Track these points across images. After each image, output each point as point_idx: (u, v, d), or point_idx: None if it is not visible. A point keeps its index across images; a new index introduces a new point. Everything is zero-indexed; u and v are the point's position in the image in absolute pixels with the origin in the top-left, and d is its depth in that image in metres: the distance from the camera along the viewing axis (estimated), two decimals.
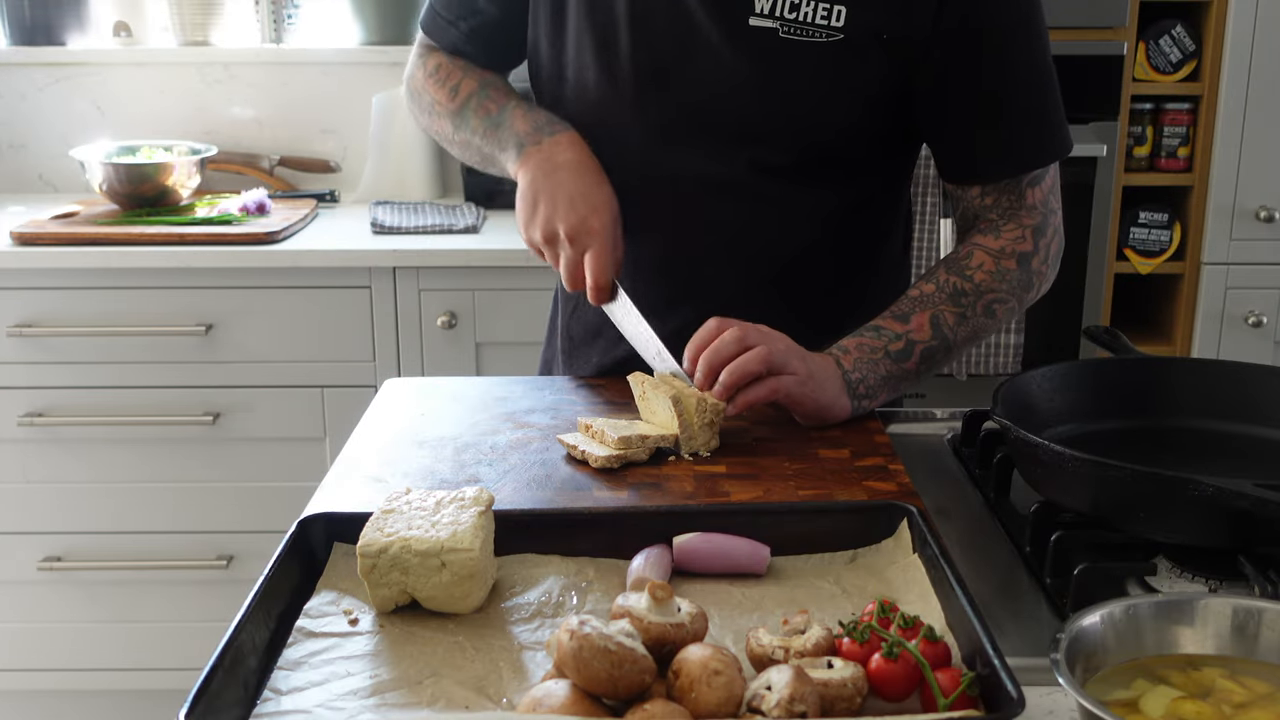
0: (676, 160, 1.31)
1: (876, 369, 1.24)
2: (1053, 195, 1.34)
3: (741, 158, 1.29)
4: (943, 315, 1.27)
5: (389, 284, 2.35)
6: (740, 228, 1.33)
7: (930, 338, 1.26)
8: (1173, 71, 2.64)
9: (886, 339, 1.26)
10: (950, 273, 1.30)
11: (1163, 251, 2.71)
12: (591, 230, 1.23)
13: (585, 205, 1.24)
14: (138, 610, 2.51)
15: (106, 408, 2.38)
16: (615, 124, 1.31)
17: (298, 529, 0.92)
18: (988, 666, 0.74)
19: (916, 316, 1.27)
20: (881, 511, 0.96)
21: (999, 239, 1.31)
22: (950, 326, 1.27)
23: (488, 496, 0.91)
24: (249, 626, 0.81)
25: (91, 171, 2.48)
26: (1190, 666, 0.79)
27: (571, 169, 1.26)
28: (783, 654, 0.77)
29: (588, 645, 0.72)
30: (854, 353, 1.24)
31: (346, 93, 2.83)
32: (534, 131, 1.30)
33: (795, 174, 1.30)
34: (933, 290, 1.29)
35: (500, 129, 1.34)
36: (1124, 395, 1.21)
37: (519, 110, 1.34)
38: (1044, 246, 1.32)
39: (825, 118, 1.27)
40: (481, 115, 1.37)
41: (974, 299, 1.28)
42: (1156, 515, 0.96)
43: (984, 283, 1.29)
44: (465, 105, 1.39)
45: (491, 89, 1.39)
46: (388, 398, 1.34)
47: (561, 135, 1.29)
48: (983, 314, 1.29)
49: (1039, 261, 1.32)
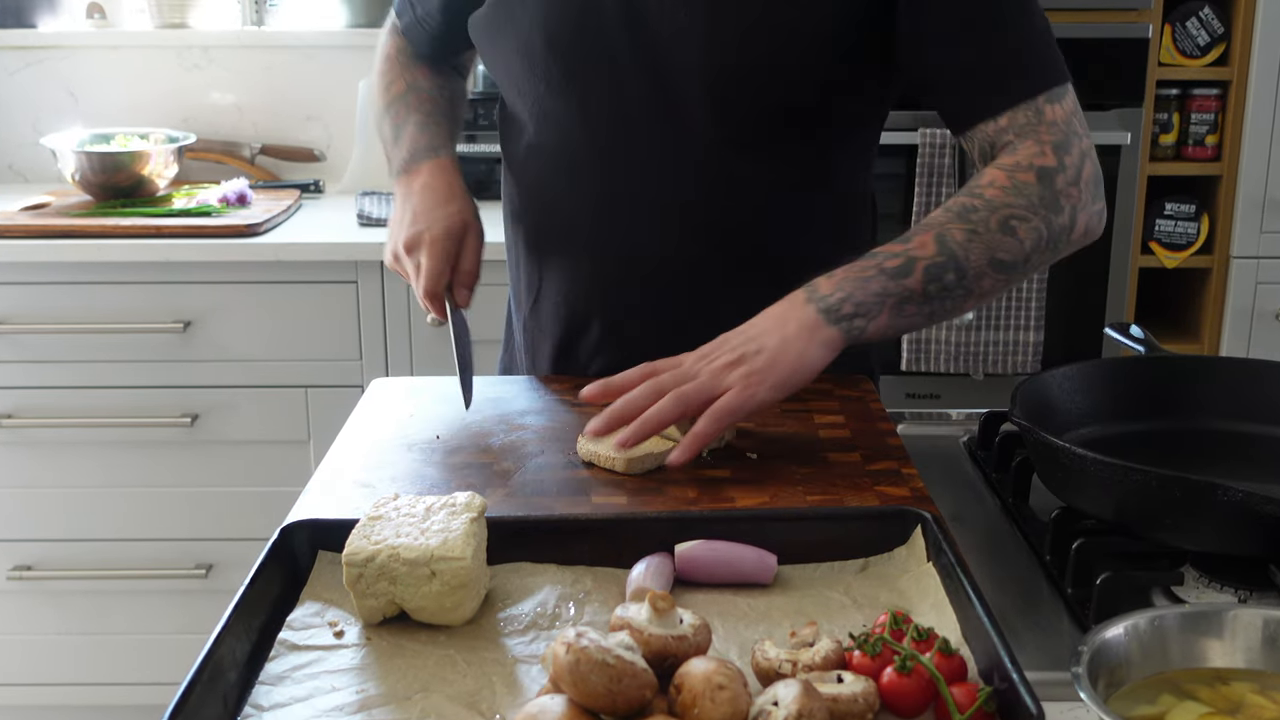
0: (633, 138, 1.31)
1: (867, 286, 1.15)
2: (1076, 118, 1.23)
3: (700, 122, 1.28)
4: (949, 232, 1.17)
5: (376, 278, 2.35)
6: (702, 206, 1.32)
7: (935, 254, 1.16)
8: (1200, 55, 2.64)
9: (882, 257, 1.17)
10: (959, 195, 1.21)
11: (1190, 244, 2.71)
12: (423, 240, 1.34)
13: (424, 219, 1.35)
14: (112, 622, 2.51)
15: (79, 409, 2.38)
16: (566, 108, 1.33)
17: (280, 536, 0.92)
18: (1005, 681, 0.74)
19: (919, 236, 1.18)
20: (894, 518, 0.96)
21: (1014, 155, 1.21)
22: (959, 243, 1.16)
23: (480, 502, 0.91)
24: (229, 639, 0.80)
25: (63, 160, 2.48)
26: (1219, 681, 0.79)
27: (421, 192, 1.38)
28: (790, 668, 0.77)
29: (585, 659, 0.72)
30: (839, 275, 1.16)
31: (331, 78, 2.83)
32: (409, 159, 1.42)
33: (756, 137, 1.29)
34: (939, 214, 1.20)
35: (396, 145, 1.45)
36: (1149, 396, 1.21)
37: (411, 130, 1.44)
38: (1070, 165, 1.20)
39: (783, 61, 1.24)
40: (391, 124, 1.48)
41: (986, 214, 1.18)
42: (1183, 522, 0.96)
43: (996, 198, 1.18)
44: (387, 107, 1.50)
45: (411, 95, 1.49)
46: (375, 398, 1.34)
47: (426, 164, 1.41)
48: (998, 229, 1.17)
49: (1065, 180, 1.19)
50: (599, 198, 1.35)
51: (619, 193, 1.34)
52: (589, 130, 1.33)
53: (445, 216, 1.35)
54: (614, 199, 1.34)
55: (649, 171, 1.32)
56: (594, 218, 1.36)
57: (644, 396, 1.12)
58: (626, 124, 1.31)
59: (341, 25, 2.83)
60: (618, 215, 1.35)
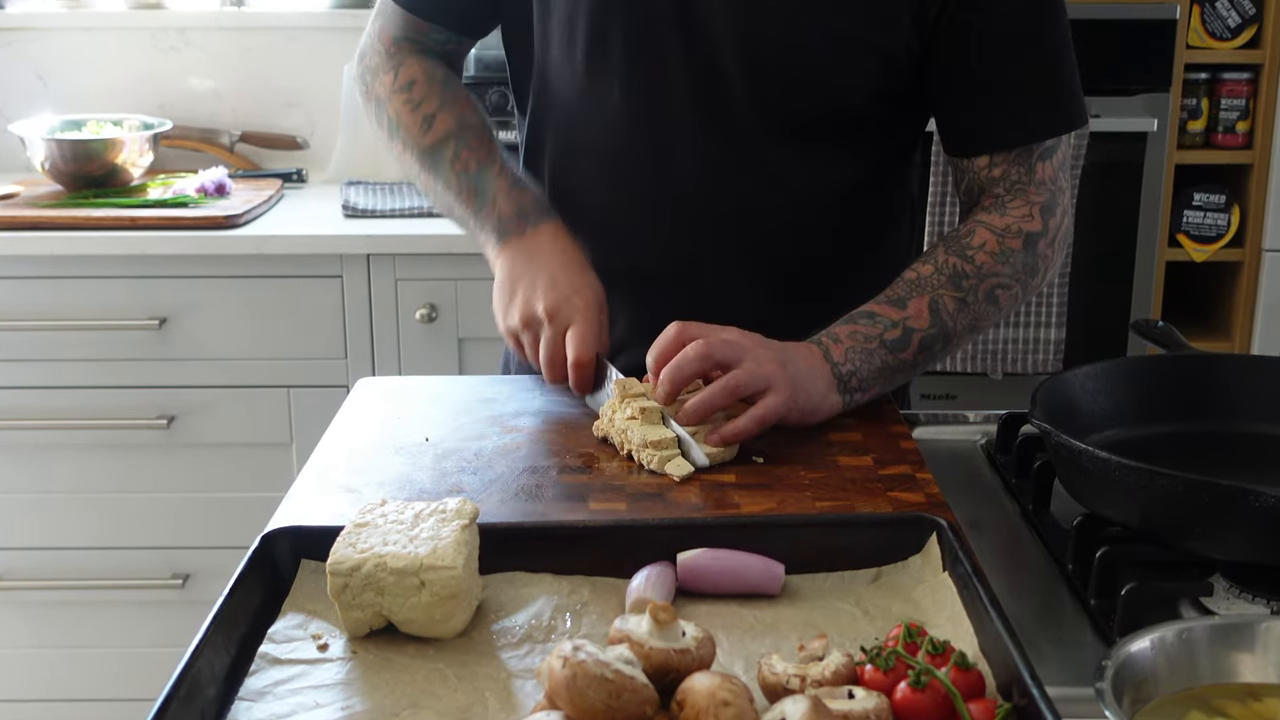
0: (675, 131, 1.33)
1: (870, 360, 1.25)
2: (1062, 173, 1.36)
3: (745, 124, 1.32)
4: (942, 300, 1.28)
5: (362, 273, 2.35)
6: (743, 211, 1.35)
7: (929, 325, 1.27)
8: (1230, 38, 2.64)
9: (883, 327, 1.26)
10: (950, 253, 1.31)
11: (1219, 237, 2.71)
12: (574, 306, 1.27)
13: (568, 285, 1.29)
14: (83, 635, 2.51)
15: (48, 410, 2.38)
16: (605, 94, 1.34)
17: (261, 544, 0.92)
18: (1025, 697, 0.74)
19: (914, 302, 1.28)
20: (908, 525, 0.96)
21: (1004, 216, 1.32)
22: (950, 313, 1.28)
23: (471, 508, 0.91)
24: (207, 652, 0.80)
25: (33, 148, 2.48)
26: (1250, 697, 0.79)
27: (554, 255, 1.32)
28: (798, 683, 0.77)
29: (582, 673, 0.72)
30: (845, 341, 1.25)
31: (315, 61, 2.83)
32: (517, 218, 1.35)
33: (801, 140, 1.33)
34: (931, 272, 1.29)
35: (480, 198, 1.37)
36: (1177, 396, 1.21)
37: (502, 183, 1.37)
38: (1053, 227, 1.33)
39: (833, 73, 1.30)
40: (458, 170, 1.39)
41: (975, 283, 1.29)
42: (1213, 529, 0.96)
43: (986, 265, 1.30)
44: (439, 148, 1.40)
45: (470, 136, 1.40)
46: (361, 399, 1.34)
47: (545, 225, 1.34)
48: (985, 300, 1.30)
49: (1045, 244, 1.33)
50: (628, 194, 1.35)
51: (649, 189, 1.36)
52: (622, 124, 1.34)
53: (592, 284, 1.30)
54: (644, 196, 1.36)
55: (683, 168, 1.34)
56: (623, 214, 1.37)
57: (693, 364, 1.17)
58: (665, 120, 1.33)
59: (326, 6, 2.83)
60: (645, 211, 1.36)
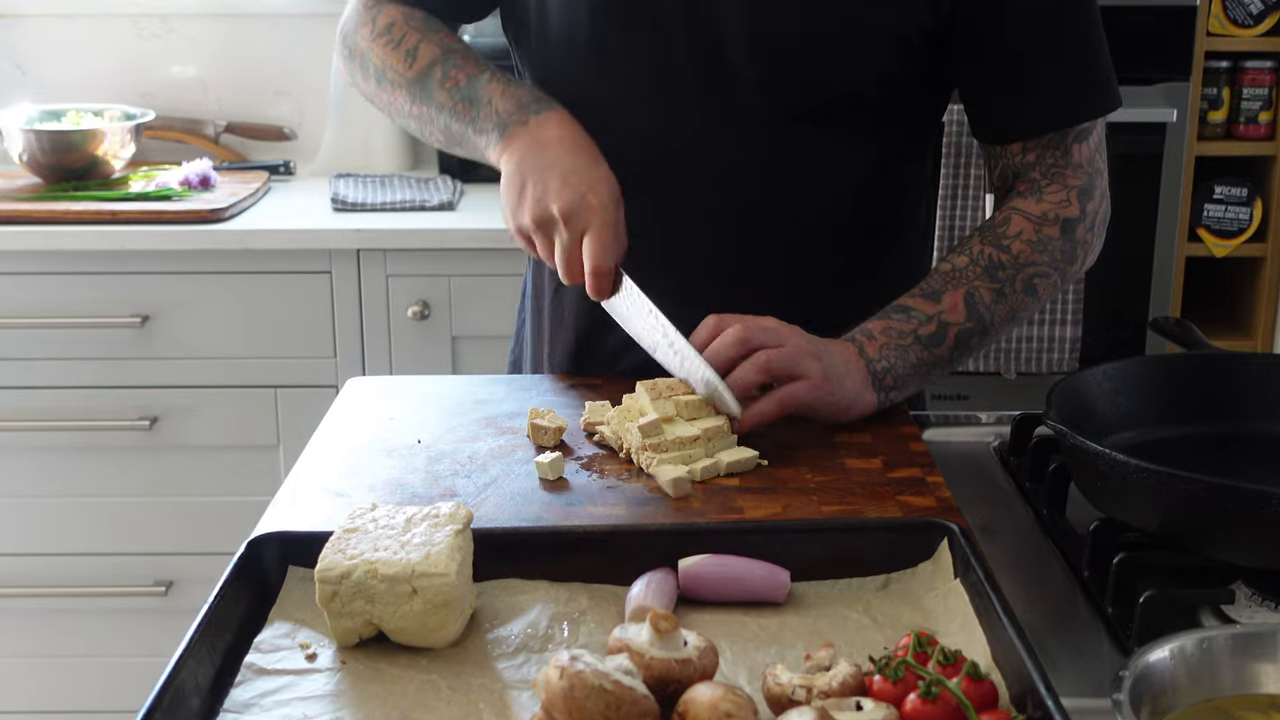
0: (681, 116, 1.33)
1: (905, 356, 1.26)
2: (1099, 154, 1.36)
3: (752, 108, 1.32)
4: (978, 293, 1.28)
5: (352, 269, 2.35)
6: (749, 198, 1.36)
7: (965, 319, 1.28)
8: (1253, 25, 2.64)
9: (917, 322, 1.27)
10: (985, 243, 1.31)
11: (1241, 231, 2.71)
12: (590, 207, 1.22)
13: (581, 182, 1.23)
14: (63, 644, 2.51)
15: (26, 411, 2.38)
16: (615, 75, 1.34)
17: (247, 550, 0.92)
18: (1040, 708, 0.74)
19: (949, 295, 1.28)
20: (918, 530, 0.96)
21: (1040, 202, 1.33)
22: (987, 305, 1.28)
23: (465, 513, 0.91)
24: (190, 663, 0.80)
25: (10, 140, 2.48)
26: (1273, 708, 0.79)
27: (564, 145, 1.26)
28: (804, 694, 0.77)
29: (580, 684, 0.72)
30: (879, 338, 1.26)
31: (303, 49, 2.83)
32: (518, 110, 1.30)
33: (811, 125, 1.33)
34: (966, 264, 1.30)
35: (475, 106, 1.33)
36: (1197, 396, 1.21)
37: (496, 85, 1.33)
38: (1091, 212, 1.34)
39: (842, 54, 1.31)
40: (449, 87, 1.36)
41: (1012, 273, 1.30)
42: (1235, 534, 0.96)
43: (1023, 254, 1.30)
44: (426, 74, 1.37)
45: (457, 56, 1.37)
46: (351, 399, 1.34)
47: (550, 113, 1.29)
48: (1022, 290, 1.30)
49: (1084, 229, 1.34)
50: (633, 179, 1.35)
51: (654, 176, 1.35)
52: (631, 106, 1.34)
53: (605, 179, 1.24)
54: (649, 182, 1.35)
55: (689, 153, 1.35)
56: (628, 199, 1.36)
57: (730, 348, 1.19)
58: (670, 103, 1.33)
59: None
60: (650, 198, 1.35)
